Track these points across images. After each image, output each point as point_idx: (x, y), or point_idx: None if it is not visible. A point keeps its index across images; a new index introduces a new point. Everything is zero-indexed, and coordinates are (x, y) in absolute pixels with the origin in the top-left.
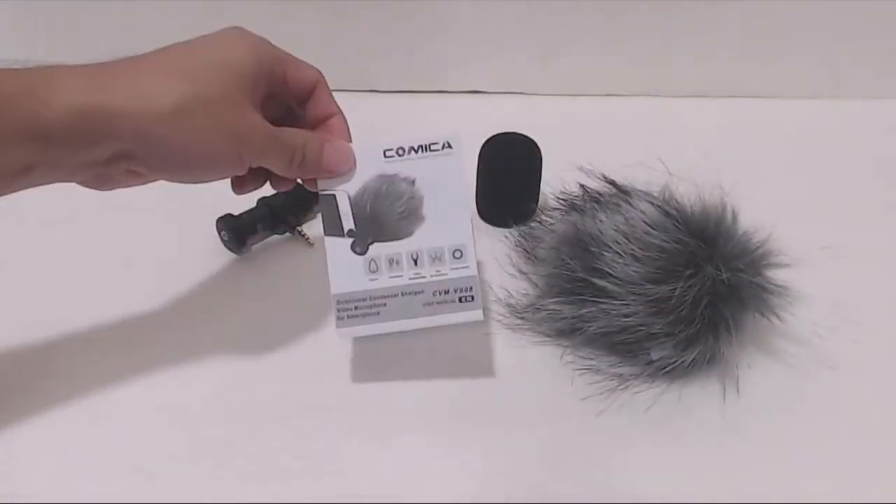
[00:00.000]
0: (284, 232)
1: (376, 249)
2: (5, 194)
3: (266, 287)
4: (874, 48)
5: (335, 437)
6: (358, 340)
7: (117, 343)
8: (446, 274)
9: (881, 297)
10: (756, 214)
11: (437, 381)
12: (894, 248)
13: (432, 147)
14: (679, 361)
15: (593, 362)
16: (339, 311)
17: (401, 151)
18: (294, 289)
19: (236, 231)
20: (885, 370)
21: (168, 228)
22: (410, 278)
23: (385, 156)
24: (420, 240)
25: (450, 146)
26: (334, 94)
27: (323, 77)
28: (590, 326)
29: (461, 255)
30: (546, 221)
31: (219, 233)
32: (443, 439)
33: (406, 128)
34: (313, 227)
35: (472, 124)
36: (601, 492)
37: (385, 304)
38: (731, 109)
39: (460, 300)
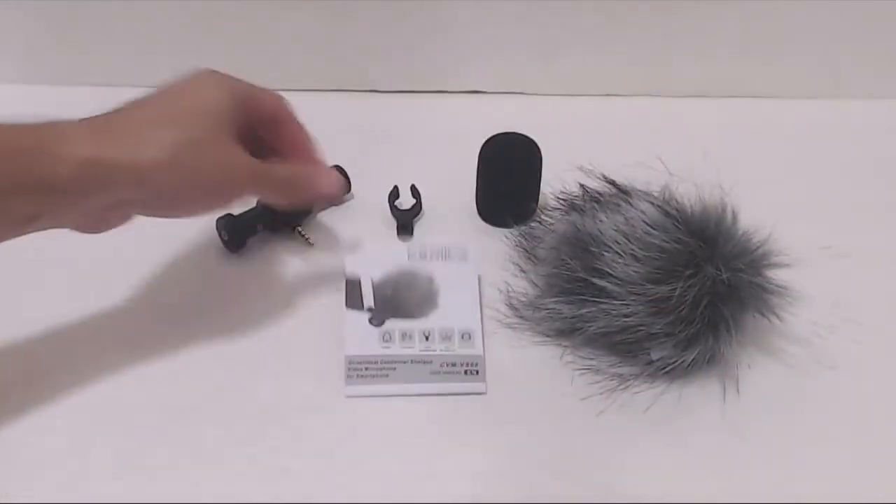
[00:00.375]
0: (284, 232)
1: (391, 324)
2: (5, 241)
3: (266, 287)
4: (874, 48)
5: (335, 437)
6: None
7: (117, 342)
8: (455, 350)
9: (881, 297)
10: (756, 214)
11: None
12: (894, 248)
13: (451, 252)
14: (679, 361)
15: (593, 362)
16: (349, 370)
17: (423, 254)
18: (294, 289)
19: (236, 231)
20: (885, 370)
21: (168, 229)
22: (421, 350)
23: (408, 256)
24: (433, 321)
25: (466, 253)
26: (334, 94)
27: (283, 100)
28: (590, 326)
29: (470, 338)
30: (546, 221)
31: (219, 233)
32: (443, 439)
33: (406, 128)
34: (313, 227)
35: (472, 124)
36: (601, 492)
37: (395, 369)
38: (731, 109)
39: (465, 373)
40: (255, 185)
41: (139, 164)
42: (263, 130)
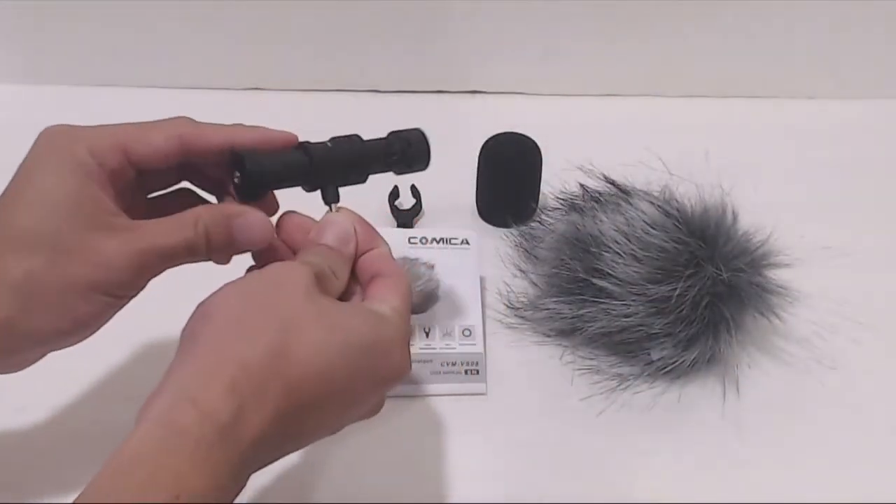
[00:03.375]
0: (313, 190)
1: None
2: None
3: None
4: (874, 48)
5: (334, 436)
6: None
7: (117, 342)
8: (455, 348)
9: (881, 297)
10: (756, 214)
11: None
12: (894, 248)
13: (452, 241)
14: (679, 361)
15: (593, 362)
16: None
17: (424, 240)
18: None
19: (259, 177)
20: (885, 370)
21: None
22: (421, 348)
23: (409, 241)
24: (433, 316)
25: (467, 243)
26: (334, 94)
27: (185, 121)
28: (590, 326)
29: (470, 334)
30: (546, 221)
31: (232, 173)
32: (443, 439)
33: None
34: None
35: (472, 124)
36: (601, 492)
37: None
38: (731, 109)
39: (466, 373)
40: (142, 266)
41: None
42: (170, 164)
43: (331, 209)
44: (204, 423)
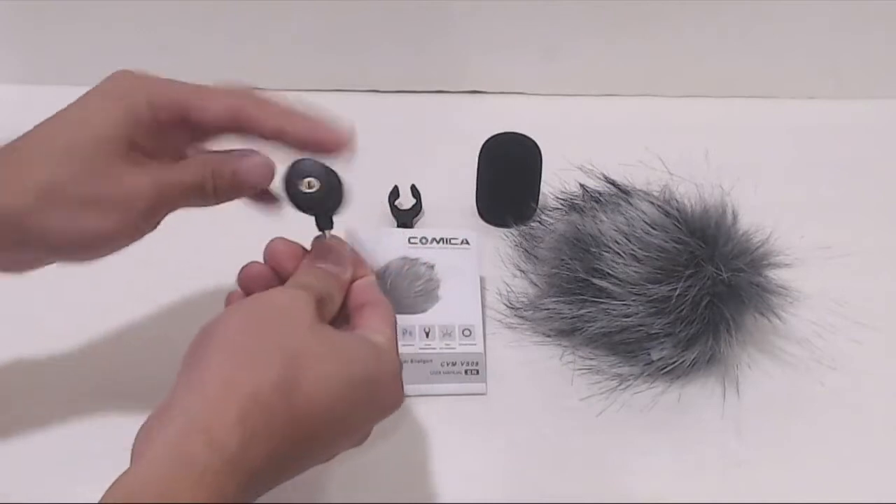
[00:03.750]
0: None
1: None
2: None
3: None
4: (874, 48)
5: None
6: None
7: (120, 341)
8: (455, 348)
9: (881, 297)
10: (756, 214)
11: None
12: (894, 248)
13: (452, 241)
14: (679, 361)
15: (593, 362)
16: None
17: (423, 240)
18: None
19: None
20: (885, 370)
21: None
22: (420, 348)
23: (409, 241)
24: (433, 316)
25: (468, 243)
26: (334, 94)
27: (246, 98)
28: (590, 326)
29: (470, 334)
30: (546, 221)
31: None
32: (442, 439)
33: (406, 128)
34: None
35: (472, 124)
36: (601, 492)
37: None
38: (731, 109)
39: (466, 373)
40: (160, 200)
41: (8, 208)
42: (216, 133)
43: (324, 235)
44: (213, 453)
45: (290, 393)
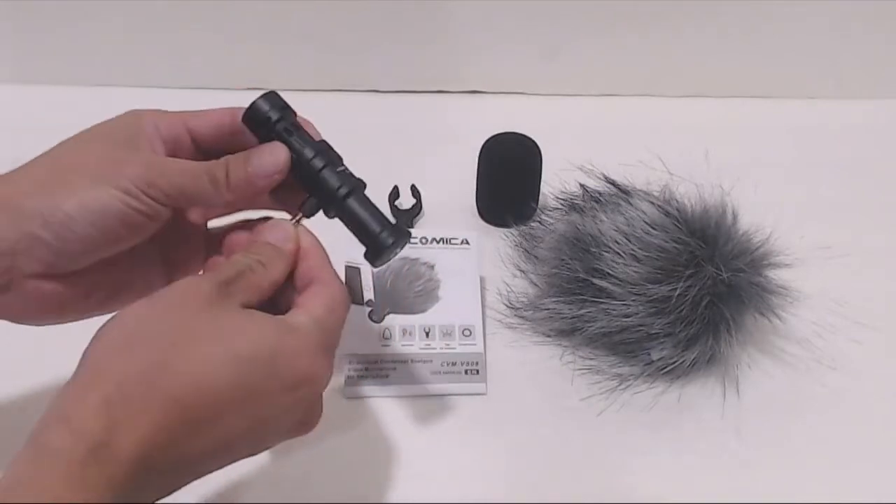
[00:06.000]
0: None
1: (391, 320)
2: None
3: None
4: (874, 48)
5: (334, 436)
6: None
7: None
8: (455, 348)
9: (881, 297)
10: (756, 214)
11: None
12: (894, 248)
13: (452, 241)
14: (679, 361)
15: (593, 362)
16: (349, 370)
17: (424, 240)
18: None
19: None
20: (885, 370)
21: None
22: (421, 348)
23: (409, 241)
24: (433, 316)
25: (468, 243)
26: (334, 94)
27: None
28: (590, 326)
29: (470, 334)
30: (546, 221)
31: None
32: (442, 439)
33: (406, 128)
34: None
35: (472, 124)
36: (601, 492)
37: (395, 369)
38: (731, 109)
39: (466, 373)
40: (172, 182)
41: (27, 195)
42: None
43: (292, 219)
44: (76, 442)
45: (160, 374)
